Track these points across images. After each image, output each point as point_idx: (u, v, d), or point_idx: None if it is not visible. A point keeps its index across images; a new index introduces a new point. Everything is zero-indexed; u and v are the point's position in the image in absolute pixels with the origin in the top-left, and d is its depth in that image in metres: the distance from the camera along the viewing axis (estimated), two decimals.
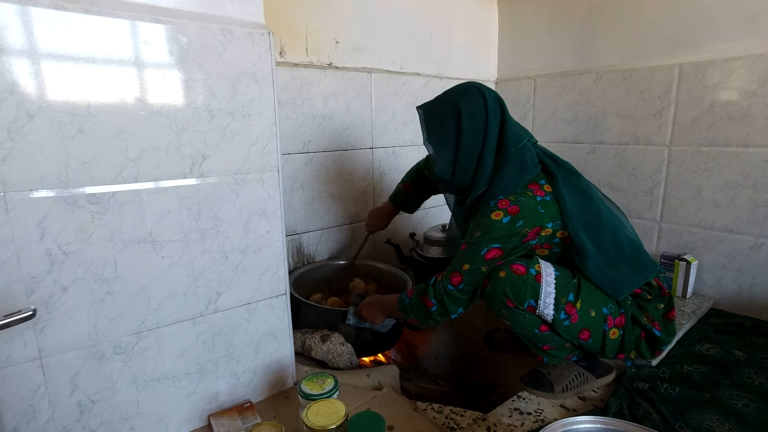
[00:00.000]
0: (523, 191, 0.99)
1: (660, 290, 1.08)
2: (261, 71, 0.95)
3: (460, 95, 1.03)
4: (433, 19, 1.84)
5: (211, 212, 0.94)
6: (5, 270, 0.74)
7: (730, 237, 1.50)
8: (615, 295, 1.01)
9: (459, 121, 1.00)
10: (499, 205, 0.98)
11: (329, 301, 1.46)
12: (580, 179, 1.07)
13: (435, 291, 1.03)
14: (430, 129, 1.07)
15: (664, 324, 1.05)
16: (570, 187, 1.03)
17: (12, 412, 0.79)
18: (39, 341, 0.79)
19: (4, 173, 0.72)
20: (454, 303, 1.02)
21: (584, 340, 1.01)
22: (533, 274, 0.96)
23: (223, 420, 1.00)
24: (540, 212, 0.98)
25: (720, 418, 0.98)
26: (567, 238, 1.01)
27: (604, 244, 1.01)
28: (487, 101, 1.01)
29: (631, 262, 1.03)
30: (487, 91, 1.03)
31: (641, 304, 1.06)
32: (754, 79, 1.39)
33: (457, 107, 1.01)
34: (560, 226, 1.00)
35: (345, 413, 0.83)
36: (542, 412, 1.07)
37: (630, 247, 1.05)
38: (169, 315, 0.93)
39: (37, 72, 0.72)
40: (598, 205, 1.04)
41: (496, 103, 1.03)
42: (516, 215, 0.96)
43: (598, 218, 1.02)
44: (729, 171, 1.47)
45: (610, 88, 1.73)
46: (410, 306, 1.09)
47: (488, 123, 1.00)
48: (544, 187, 1.00)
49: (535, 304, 0.96)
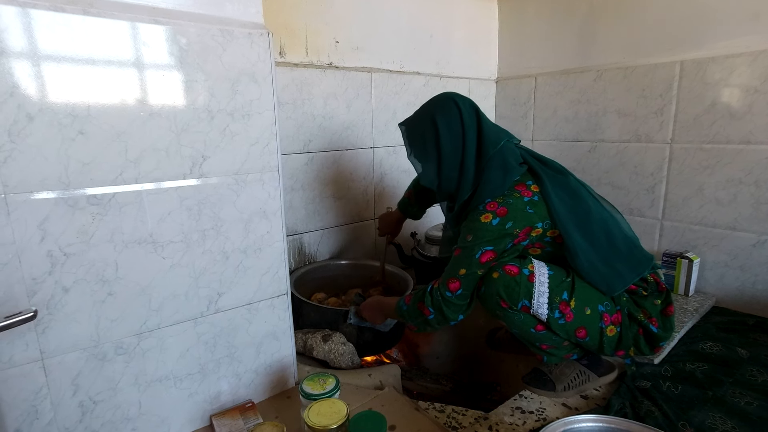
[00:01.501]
0: (510, 193, 1.00)
1: (657, 286, 1.08)
2: (260, 71, 0.95)
3: (435, 108, 1.07)
4: (434, 18, 1.84)
5: (211, 213, 0.95)
6: (7, 272, 0.75)
7: (733, 234, 1.50)
8: (609, 292, 1.01)
9: (437, 133, 1.04)
10: (487, 207, 0.99)
11: (329, 301, 1.46)
12: (569, 178, 1.08)
13: (432, 299, 1.03)
14: (413, 144, 1.11)
15: (662, 320, 1.05)
16: (558, 186, 1.03)
17: (14, 413, 0.79)
18: (41, 342, 0.79)
19: (5, 175, 0.72)
20: (453, 310, 1.02)
21: (581, 338, 1.01)
22: (526, 274, 0.97)
23: (225, 420, 1.01)
24: (529, 212, 0.98)
25: (723, 416, 0.98)
26: (558, 237, 1.02)
27: (596, 240, 1.02)
28: (462, 110, 1.04)
29: (625, 258, 1.04)
30: (460, 100, 1.06)
31: (637, 301, 1.05)
32: (755, 75, 1.39)
33: (434, 120, 1.04)
34: (550, 225, 1.01)
35: (346, 413, 0.83)
36: (544, 410, 1.07)
37: (624, 243, 1.05)
38: (171, 316, 0.93)
39: (37, 74, 0.73)
40: (587, 203, 1.05)
41: (471, 110, 1.06)
42: (505, 216, 0.97)
43: (588, 215, 1.03)
44: (731, 168, 1.47)
45: (610, 86, 1.73)
46: (408, 313, 1.09)
47: (465, 131, 1.03)
48: (531, 187, 1.01)
49: (529, 304, 0.97)
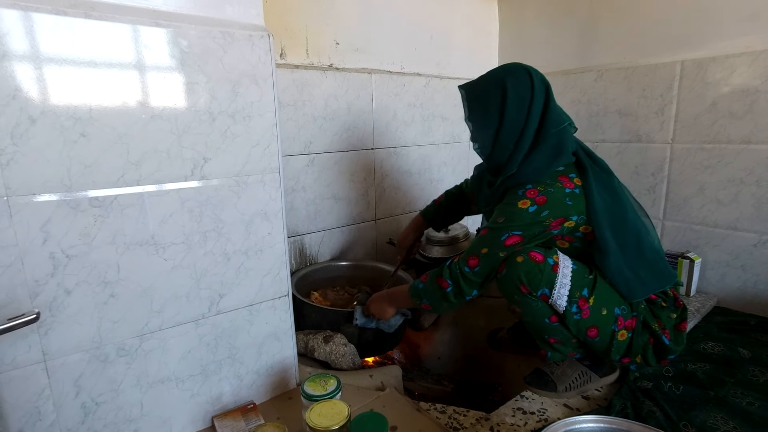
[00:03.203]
0: (552, 182, 0.99)
1: (675, 301, 1.07)
2: (261, 73, 0.96)
3: (506, 74, 1.03)
4: (434, 18, 1.84)
5: (212, 214, 0.95)
6: (9, 274, 0.75)
7: (734, 234, 1.50)
8: (629, 297, 1.00)
9: (504, 98, 1.01)
10: (527, 194, 0.98)
11: (330, 299, 1.47)
12: (613, 178, 1.06)
13: (451, 272, 1.04)
14: (473, 107, 1.08)
15: (675, 334, 1.04)
16: (600, 184, 1.02)
17: (17, 414, 0.79)
18: (43, 344, 0.80)
19: (8, 178, 0.72)
20: (468, 285, 1.02)
21: (591, 338, 1.00)
22: (551, 263, 0.96)
23: (226, 421, 1.01)
24: (567, 204, 0.98)
25: (724, 416, 0.98)
26: (589, 234, 1.01)
27: (626, 245, 1.01)
28: (534, 81, 1.01)
29: (650, 268, 1.03)
30: (534, 72, 1.03)
31: (655, 311, 1.04)
32: (756, 75, 1.39)
33: (503, 85, 1.01)
34: (585, 220, 1.00)
35: (348, 414, 0.83)
36: (545, 411, 1.07)
37: (652, 254, 1.04)
38: (172, 317, 0.93)
39: (39, 77, 0.73)
40: (626, 207, 1.04)
41: (542, 84, 1.03)
42: (543, 205, 0.96)
43: (624, 219, 1.02)
44: (732, 168, 1.47)
45: (611, 86, 1.73)
46: (424, 290, 1.09)
47: (533, 102, 1.00)
48: (574, 180, 1.00)
49: (549, 293, 0.96)
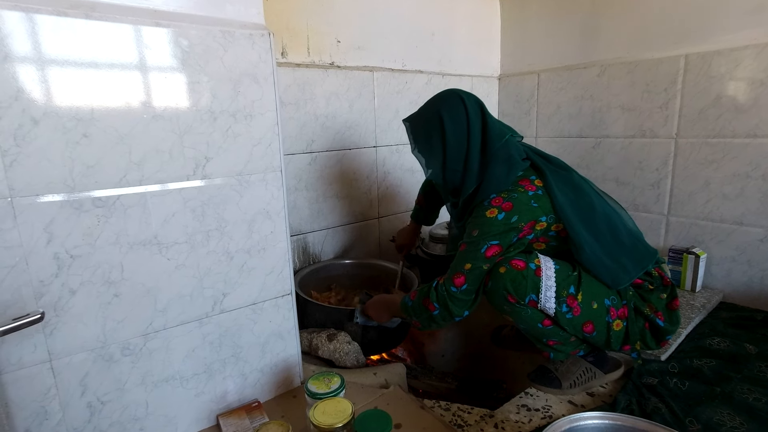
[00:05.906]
0: (515, 188, 1.01)
1: (662, 280, 1.07)
2: (262, 72, 0.96)
3: (440, 103, 1.08)
4: (435, 16, 1.83)
5: (215, 213, 0.95)
6: (14, 274, 0.75)
7: (740, 229, 1.48)
8: (614, 285, 1.01)
9: (442, 127, 1.05)
10: (492, 203, 1.00)
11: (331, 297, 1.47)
12: (572, 174, 1.09)
13: (438, 294, 1.03)
14: (417, 138, 1.13)
15: (668, 314, 1.05)
16: (560, 181, 1.04)
17: (24, 413, 0.80)
18: (49, 344, 0.80)
19: (11, 179, 0.73)
20: (458, 306, 1.02)
21: (589, 333, 1.00)
22: (533, 268, 0.97)
23: (231, 420, 1.01)
24: (533, 206, 0.99)
25: (731, 412, 0.97)
26: (563, 231, 1.02)
27: (600, 234, 1.02)
28: (467, 105, 1.05)
29: (630, 252, 1.04)
30: (465, 96, 1.07)
31: (643, 295, 1.05)
32: (761, 68, 1.37)
33: (439, 115, 1.06)
34: (554, 219, 1.02)
35: (352, 412, 0.83)
36: (550, 408, 1.06)
37: (628, 237, 1.06)
38: (176, 316, 0.94)
39: (41, 78, 0.73)
40: (590, 197, 1.05)
41: (476, 106, 1.07)
42: (510, 211, 0.98)
43: (592, 209, 1.04)
44: (737, 162, 1.45)
45: (614, 81, 1.71)
46: (413, 309, 1.09)
47: (470, 125, 1.05)
48: (535, 182, 1.02)
49: (537, 299, 0.96)
